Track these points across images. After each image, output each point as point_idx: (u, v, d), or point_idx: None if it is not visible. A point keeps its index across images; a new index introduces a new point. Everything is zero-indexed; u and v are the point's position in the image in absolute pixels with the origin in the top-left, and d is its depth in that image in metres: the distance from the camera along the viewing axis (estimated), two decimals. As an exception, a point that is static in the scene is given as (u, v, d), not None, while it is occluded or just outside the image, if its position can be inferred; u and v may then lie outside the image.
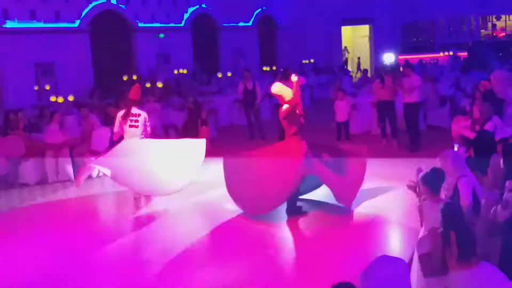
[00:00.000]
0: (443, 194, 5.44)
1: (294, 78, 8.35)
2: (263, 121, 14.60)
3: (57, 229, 8.19)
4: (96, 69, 17.70)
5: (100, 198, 9.47)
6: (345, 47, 28.13)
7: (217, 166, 8.75)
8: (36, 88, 15.72)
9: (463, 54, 22.59)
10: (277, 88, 8.34)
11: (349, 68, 26.05)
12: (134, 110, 9.29)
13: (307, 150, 7.96)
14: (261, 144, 12.08)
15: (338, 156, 8.34)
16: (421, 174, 5.32)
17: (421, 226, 5.78)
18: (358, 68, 24.85)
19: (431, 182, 5.15)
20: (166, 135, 13.62)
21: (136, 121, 9.24)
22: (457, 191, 5.61)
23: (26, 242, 7.69)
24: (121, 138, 10.30)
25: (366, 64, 27.34)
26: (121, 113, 9.35)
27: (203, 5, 22.80)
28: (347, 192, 8.00)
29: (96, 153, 10.76)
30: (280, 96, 8.28)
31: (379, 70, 13.49)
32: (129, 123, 9.25)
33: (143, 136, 9.24)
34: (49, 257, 7.15)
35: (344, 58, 27.16)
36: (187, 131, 13.83)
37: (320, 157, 8.05)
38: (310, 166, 7.75)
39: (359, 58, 27.69)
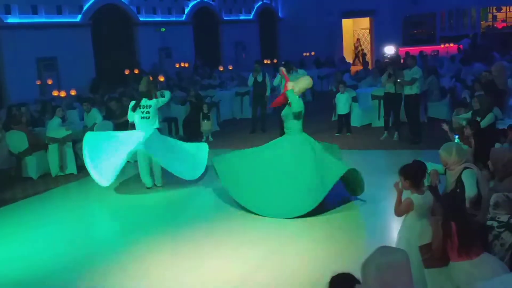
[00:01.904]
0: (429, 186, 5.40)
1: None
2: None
3: (60, 222, 8.22)
4: (98, 63, 17.68)
5: (105, 191, 9.47)
6: (358, 39, 27.91)
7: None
8: (38, 82, 15.71)
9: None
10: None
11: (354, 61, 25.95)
12: (144, 101, 9.34)
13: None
14: (262, 137, 12.08)
15: None
16: (400, 167, 5.18)
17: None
18: (364, 60, 24.76)
19: (411, 175, 4.99)
20: (169, 129, 13.61)
21: (148, 112, 9.29)
22: (459, 182, 5.61)
23: (30, 235, 7.72)
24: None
25: (366, 56, 27.30)
26: (132, 103, 9.46)
27: (204, -1, 22.75)
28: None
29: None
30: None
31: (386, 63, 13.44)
32: (140, 115, 9.31)
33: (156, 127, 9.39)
34: (52, 249, 7.18)
35: (356, 51, 26.97)
36: (189, 124, 13.84)
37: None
38: None
39: (363, 50, 27.63)
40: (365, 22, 28.57)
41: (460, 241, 4.24)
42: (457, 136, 7.52)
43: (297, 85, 8.24)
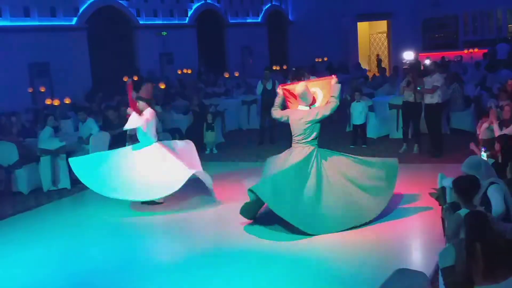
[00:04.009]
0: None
1: (334, 81, 8.28)
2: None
3: (52, 240, 8.23)
4: (95, 69, 17.80)
5: (100, 207, 9.48)
6: (378, 55, 27.89)
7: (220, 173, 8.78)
8: (30, 90, 15.81)
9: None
10: (303, 89, 8.24)
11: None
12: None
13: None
14: (271, 149, 12.08)
15: None
16: (452, 180, 5.20)
17: (445, 236, 5.75)
18: (379, 66, 24.74)
19: (464, 190, 4.97)
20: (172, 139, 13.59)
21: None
22: (485, 199, 5.57)
23: (20, 254, 7.73)
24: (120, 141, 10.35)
25: (384, 62, 27.33)
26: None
27: (209, 0, 22.87)
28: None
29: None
30: (299, 98, 8.24)
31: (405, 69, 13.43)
32: None
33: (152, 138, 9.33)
34: (44, 269, 7.19)
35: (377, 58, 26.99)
36: (192, 135, 13.85)
37: None
38: None
39: (378, 55, 27.66)
40: (382, 25, 28.63)
41: (486, 263, 4.21)
42: (484, 149, 7.50)
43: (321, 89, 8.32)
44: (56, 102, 13.44)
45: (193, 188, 9.39)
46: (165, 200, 9.42)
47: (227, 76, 19.80)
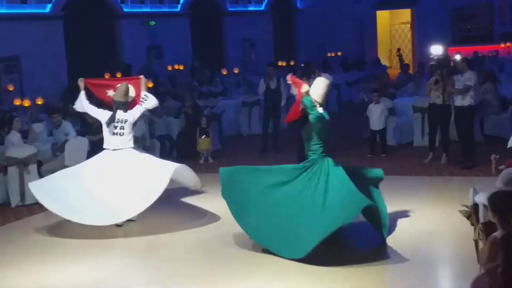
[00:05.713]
0: None
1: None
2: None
3: (20, 264, 8.22)
4: (72, 64, 17.79)
5: (75, 227, 9.47)
6: (399, 49, 27.75)
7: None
8: (-4, 88, 15.83)
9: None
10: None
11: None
12: (120, 114, 9.30)
13: None
14: (275, 158, 12.06)
15: None
16: (487, 196, 5.16)
17: (478, 262, 5.74)
18: (400, 62, 24.74)
19: (502, 208, 4.91)
20: (161, 149, 13.53)
21: (122, 127, 9.27)
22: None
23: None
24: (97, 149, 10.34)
25: (407, 57, 27.34)
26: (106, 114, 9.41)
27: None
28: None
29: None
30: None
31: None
32: (113, 130, 9.29)
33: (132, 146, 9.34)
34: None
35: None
36: (183, 142, 13.82)
37: None
38: None
39: (399, 49, 27.67)
40: (405, 14, 28.69)
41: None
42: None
43: (314, 88, 8.15)
44: (27, 103, 13.40)
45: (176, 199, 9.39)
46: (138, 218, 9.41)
47: (225, 73, 19.80)
